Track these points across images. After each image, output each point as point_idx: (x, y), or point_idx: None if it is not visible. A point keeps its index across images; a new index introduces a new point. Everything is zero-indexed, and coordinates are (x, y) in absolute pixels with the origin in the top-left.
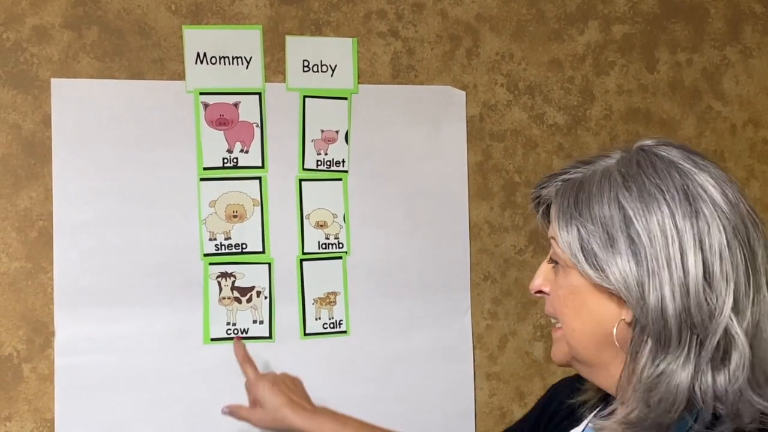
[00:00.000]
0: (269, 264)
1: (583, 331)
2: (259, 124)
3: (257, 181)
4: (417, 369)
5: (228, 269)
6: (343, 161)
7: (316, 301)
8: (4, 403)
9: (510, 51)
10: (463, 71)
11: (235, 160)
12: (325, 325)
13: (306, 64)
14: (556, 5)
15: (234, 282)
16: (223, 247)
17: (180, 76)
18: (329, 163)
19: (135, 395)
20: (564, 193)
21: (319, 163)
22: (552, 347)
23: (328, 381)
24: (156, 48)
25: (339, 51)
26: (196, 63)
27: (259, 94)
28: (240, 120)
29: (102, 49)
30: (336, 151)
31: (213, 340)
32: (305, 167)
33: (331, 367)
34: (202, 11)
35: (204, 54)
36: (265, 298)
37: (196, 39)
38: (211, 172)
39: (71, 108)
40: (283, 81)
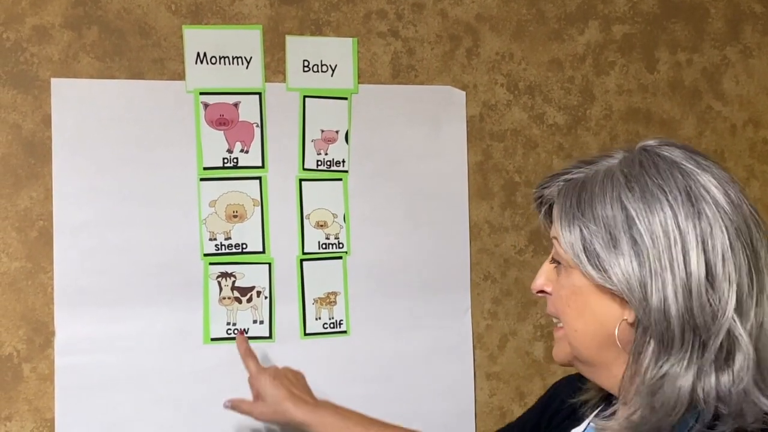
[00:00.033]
0: (269, 264)
1: (585, 331)
2: (259, 124)
3: (257, 181)
4: (417, 369)
5: (228, 269)
6: (343, 161)
7: (316, 301)
8: (4, 403)
9: (510, 51)
10: (463, 71)
11: (235, 160)
12: (325, 325)
13: (306, 64)
14: (556, 5)
15: (234, 282)
16: (223, 247)
17: (180, 76)
18: (329, 163)
19: (135, 395)
20: (566, 193)
21: (319, 163)
22: (553, 347)
23: (328, 381)
24: (156, 48)
25: (339, 51)
26: (196, 63)
27: (259, 94)
28: (240, 120)
29: (102, 49)
30: (336, 151)
31: (213, 340)
32: (305, 167)
33: (331, 367)
34: (202, 11)
35: (204, 54)
36: (266, 298)
37: (196, 39)
38: (211, 172)
39: (71, 108)
40: (283, 81)
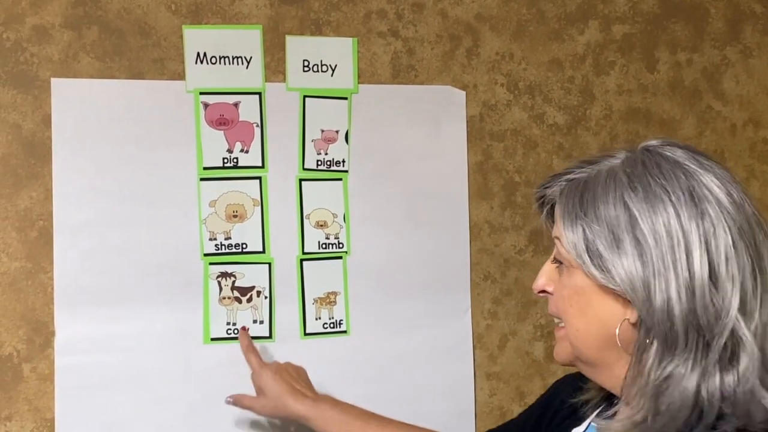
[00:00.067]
0: (269, 264)
1: (587, 331)
2: (259, 124)
3: (257, 181)
4: (417, 369)
5: (228, 269)
6: (343, 161)
7: (316, 301)
8: (4, 403)
9: (510, 51)
10: (463, 71)
11: (235, 160)
12: (325, 325)
13: (306, 63)
14: (556, 5)
15: (234, 282)
16: (223, 247)
17: (180, 76)
18: (329, 163)
19: (135, 395)
20: (569, 193)
21: (319, 163)
22: (555, 346)
23: (328, 381)
24: (156, 48)
25: (339, 51)
26: (196, 63)
27: (259, 94)
28: (240, 120)
29: (102, 49)
30: (336, 151)
31: (213, 339)
32: (305, 167)
33: (331, 367)
34: (202, 11)
35: (204, 54)
36: (266, 297)
37: (196, 39)
38: (211, 171)
39: (71, 108)
40: (283, 81)
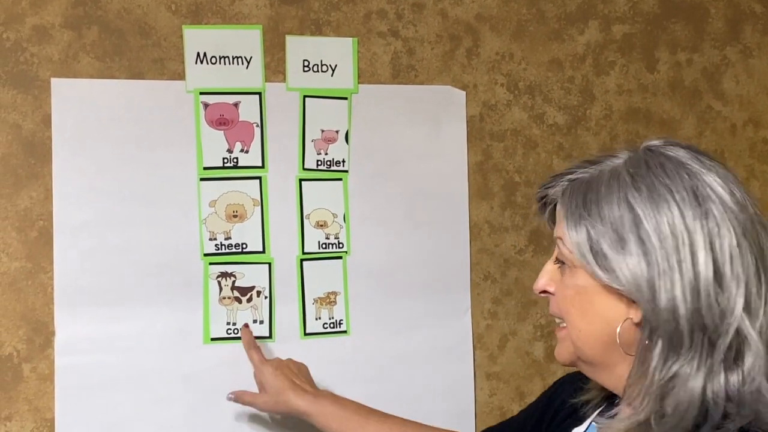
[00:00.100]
0: (269, 264)
1: (590, 332)
2: (259, 124)
3: (257, 181)
4: (417, 369)
5: (228, 269)
6: (343, 161)
7: (316, 301)
8: (4, 403)
9: (510, 51)
10: (463, 71)
11: (235, 160)
12: (326, 325)
13: (306, 63)
14: (556, 5)
15: (234, 282)
16: (223, 247)
17: (180, 76)
18: (329, 163)
19: (135, 395)
20: (572, 194)
21: (319, 163)
22: (556, 347)
23: (328, 381)
24: (156, 48)
25: (339, 51)
26: (196, 63)
27: (259, 94)
28: (240, 120)
29: (102, 49)
30: (336, 151)
31: (213, 339)
32: (305, 167)
33: (331, 367)
34: (202, 11)
35: (204, 54)
36: (266, 297)
37: (196, 39)
38: (211, 171)
39: (71, 108)
40: (283, 81)
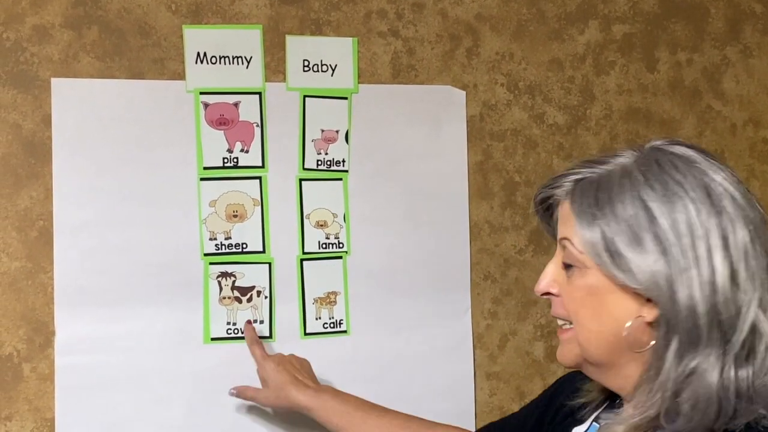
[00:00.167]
0: (269, 264)
1: (600, 332)
2: (260, 123)
3: (257, 181)
4: (417, 369)
5: (228, 269)
6: (343, 161)
7: (316, 301)
8: (4, 403)
9: (510, 51)
10: (463, 71)
11: (236, 159)
12: (326, 325)
13: (306, 63)
14: (556, 5)
15: (234, 282)
16: (224, 247)
17: (180, 75)
18: (329, 163)
19: (135, 395)
20: (582, 194)
21: (319, 163)
22: (559, 349)
23: (328, 381)
24: (156, 48)
25: (339, 51)
26: (196, 63)
27: (260, 93)
28: (240, 120)
29: (102, 49)
30: (336, 151)
31: (213, 339)
32: (305, 167)
33: (331, 367)
34: (202, 11)
35: (204, 54)
36: (266, 297)
37: (196, 39)
38: (212, 171)
39: (71, 108)
40: (284, 81)
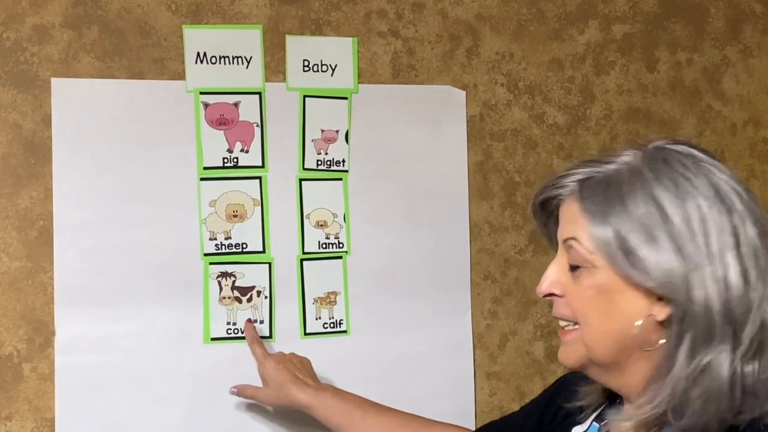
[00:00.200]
0: (269, 264)
1: (610, 332)
2: (259, 123)
3: (257, 181)
4: (417, 369)
5: (228, 269)
6: (343, 161)
7: (316, 301)
8: (4, 403)
9: (510, 51)
10: (463, 71)
11: (236, 159)
12: (326, 325)
13: (306, 63)
14: (556, 5)
15: (234, 282)
16: (224, 247)
17: (180, 75)
18: (329, 163)
19: (135, 395)
20: (589, 193)
21: (319, 163)
22: (561, 350)
23: (328, 381)
24: (156, 48)
25: (339, 51)
26: (196, 63)
27: (259, 93)
28: (240, 120)
29: (102, 49)
30: (336, 151)
31: (213, 339)
32: (305, 167)
33: (331, 367)
34: (202, 11)
35: (204, 54)
36: (266, 297)
37: (196, 39)
38: (212, 171)
39: (71, 108)
40: (283, 81)
